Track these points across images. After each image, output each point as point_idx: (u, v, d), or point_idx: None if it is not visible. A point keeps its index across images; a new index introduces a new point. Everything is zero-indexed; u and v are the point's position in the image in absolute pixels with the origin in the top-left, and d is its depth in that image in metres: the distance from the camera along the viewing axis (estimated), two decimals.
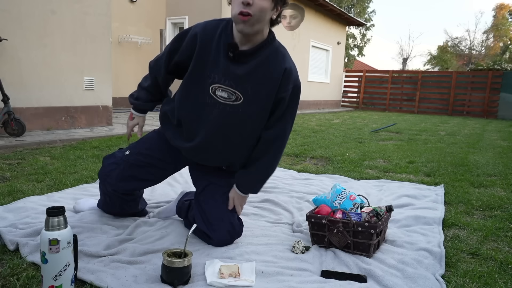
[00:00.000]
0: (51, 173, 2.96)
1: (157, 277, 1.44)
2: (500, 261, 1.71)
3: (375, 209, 1.81)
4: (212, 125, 1.67)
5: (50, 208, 1.26)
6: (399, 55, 46.51)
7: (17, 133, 4.40)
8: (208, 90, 1.64)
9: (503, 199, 2.68)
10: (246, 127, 1.68)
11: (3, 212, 2.03)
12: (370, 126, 7.97)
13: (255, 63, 1.61)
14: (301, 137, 5.72)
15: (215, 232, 1.75)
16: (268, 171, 1.79)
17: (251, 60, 1.61)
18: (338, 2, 26.25)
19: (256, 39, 1.60)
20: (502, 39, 32.22)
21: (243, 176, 1.79)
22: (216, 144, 1.71)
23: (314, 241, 1.81)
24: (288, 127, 1.73)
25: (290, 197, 2.57)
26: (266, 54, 1.62)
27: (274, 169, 1.80)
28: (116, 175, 1.81)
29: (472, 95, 13.40)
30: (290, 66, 1.65)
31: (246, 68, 1.61)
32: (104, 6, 5.63)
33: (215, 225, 1.75)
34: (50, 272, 1.25)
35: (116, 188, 1.83)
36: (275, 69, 1.62)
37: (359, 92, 15.61)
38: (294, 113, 1.73)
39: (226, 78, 1.62)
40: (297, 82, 1.69)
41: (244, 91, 1.62)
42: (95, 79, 5.64)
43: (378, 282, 1.47)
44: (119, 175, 1.80)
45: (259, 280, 1.46)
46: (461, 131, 7.79)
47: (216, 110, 1.65)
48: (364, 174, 3.39)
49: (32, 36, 4.82)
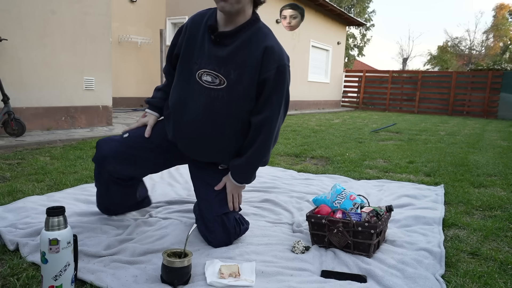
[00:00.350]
0: (51, 173, 2.96)
1: (157, 277, 1.44)
2: (500, 261, 1.71)
3: (375, 209, 1.81)
4: (199, 111, 1.65)
5: (50, 208, 1.26)
6: (399, 55, 46.52)
7: (17, 133, 4.40)
8: (195, 76, 1.64)
9: (503, 199, 2.68)
10: (232, 112, 1.65)
11: (3, 212, 2.03)
12: (370, 126, 7.97)
13: (237, 45, 1.60)
14: (301, 137, 5.72)
15: (211, 234, 1.74)
16: (260, 158, 1.72)
17: (233, 41, 1.60)
18: (338, 2, 26.25)
19: (238, 20, 1.60)
20: (502, 39, 32.22)
21: (236, 163, 1.74)
22: (204, 132, 1.68)
23: (314, 241, 1.81)
24: (276, 112, 1.64)
25: (290, 197, 2.57)
26: (248, 35, 1.61)
27: (265, 156, 1.72)
28: (113, 156, 1.73)
29: (472, 95, 13.41)
30: (271, 44, 1.60)
31: (228, 50, 1.60)
32: (104, 6, 5.63)
33: (211, 226, 1.74)
34: (50, 272, 1.25)
35: (112, 171, 1.75)
36: (256, 48, 1.59)
37: (359, 92, 15.61)
38: (282, 97, 1.65)
39: (210, 62, 1.62)
40: (282, 62, 1.60)
41: (227, 74, 1.60)
42: (95, 79, 5.64)
43: (378, 282, 1.47)
44: (116, 156, 1.72)
45: (259, 280, 1.46)
46: (461, 131, 7.79)
47: (202, 95, 1.64)
48: (364, 174, 3.39)
49: (32, 36, 4.82)
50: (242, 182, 1.79)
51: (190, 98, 1.67)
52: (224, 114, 1.65)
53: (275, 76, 1.60)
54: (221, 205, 1.76)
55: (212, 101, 1.63)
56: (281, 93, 1.64)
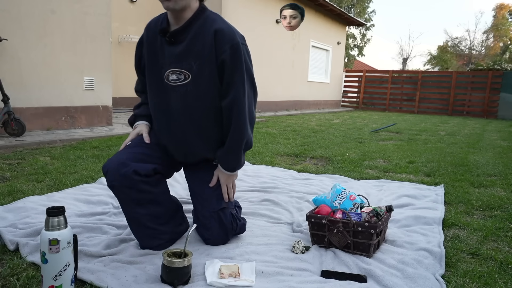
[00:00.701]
0: (51, 173, 2.96)
1: (157, 277, 1.44)
2: (500, 261, 1.71)
3: (375, 209, 1.81)
4: (175, 111, 1.69)
5: (50, 208, 1.26)
6: (399, 55, 46.50)
7: (17, 133, 4.40)
8: (163, 79, 1.69)
9: (503, 199, 2.68)
10: (204, 103, 1.67)
11: (3, 212, 2.03)
12: (370, 126, 7.97)
13: (190, 38, 1.64)
14: (301, 137, 5.72)
15: (208, 231, 1.74)
16: (239, 141, 1.70)
17: (186, 36, 1.64)
18: (338, 2, 26.25)
19: (186, 15, 1.64)
20: (502, 39, 32.22)
21: (220, 153, 1.76)
22: (186, 129, 1.70)
23: (314, 241, 1.81)
24: (241, 91, 1.65)
25: (290, 197, 2.57)
26: (198, 26, 1.65)
27: (244, 137, 1.70)
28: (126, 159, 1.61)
29: (472, 95, 13.40)
30: (220, 27, 1.64)
31: (183, 46, 1.65)
32: (104, 6, 5.63)
33: (207, 223, 1.74)
34: (50, 272, 1.25)
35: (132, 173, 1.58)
36: (207, 35, 1.63)
37: (359, 92, 15.61)
38: (242, 75, 1.65)
39: (171, 61, 1.67)
40: (235, 41, 1.63)
41: (189, 68, 1.65)
42: (95, 79, 5.64)
43: (378, 282, 1.47)
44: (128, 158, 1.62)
45: (259, 280, 1.46)
46: (461, 131, 7.79)
47: (173, 95, 1.68)
48: (364, 174, 3.39)
49: (32, 36, 4.82)
50: (231, 169, 1.78)
51: (164, 101, 1.71)
52: (198, 107, 1.68)
53: (231, 56, 1.62)
54: (217, 201, 1.76)
55: (183, 97, 1.67)
56: (241, 72, 1.65)
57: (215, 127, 1.73)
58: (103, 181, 2.76)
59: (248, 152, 4.23)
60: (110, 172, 1.60)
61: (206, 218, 1.74)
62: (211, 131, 1.74)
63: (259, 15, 10.44)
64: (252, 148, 4.46)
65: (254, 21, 10.15)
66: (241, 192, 2.68)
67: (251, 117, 1.74)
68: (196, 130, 1.71)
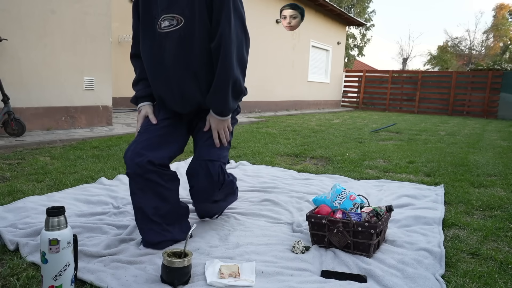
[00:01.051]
0: (51, 173, 2.96)
1: (157, 277, 1.44)
2: (500, 261, 1.71)
3: (375, 209, 1.81)
4: (171, 58, 1.70)
5: (50, 208, 1.26)
6: (399, 55, 46.49)
7: (17, 133, 4.40)
8: (156, 28, 1.71)
9: (503, 199, 2.68)
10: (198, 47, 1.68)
11: (3, 212, 2.03)
12: (370, 126, 7.97)
13: None
14: (301, 137, 5.72)
15: (193, 178, 1.74)
16: (226, 79, 1.68)
17: None
18: (338, 2, 26.25)
19: None
20: (502, 39, 32.22)
21: (210, 95, 1.74)
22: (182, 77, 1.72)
23: (314, 241, 1.81)
24: (227, 29, 1.65)
25: (290, 197, 2.57)
26: None
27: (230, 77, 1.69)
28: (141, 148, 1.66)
29: (472, 95, 13.41)
30: None
31: None
32: (104, 6, 5.63)
33: (194, 171, 1.74)
34: (50, 272, 1.25)
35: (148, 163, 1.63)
36: None
37: (359, 92, 15.62)
38: (230, 13, 1.65)
39: (163, 8, 1.69)
40: None
41: (181, 12, 1.66)
42: (95, 79, 5.64)
43: (378, 282, 1.47)
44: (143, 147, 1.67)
45: (259, 280, 1.46)
46: (461, 131, 7.79)
47: (167, 41, 1.69)
48: (364, 174, 3.39)
49: (32, 36, 4.82)
50: (220, 113, 1.77)
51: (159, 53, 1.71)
52: (192, 51, 1.69)
53: None
54: (208, 151, 1.76)
55: (177, 42, 1.68)
56: (228, 9, 1.65)
57: (209, 71, 1.74)
58: (103, 181, 2.77)
59: (248, 152, 4.23)
60: (127, 162, 1.66)
61: (194, 166, 1.74)
62: (205, 75, 1.74)
63: (260, 15, 10.45)
64: (252, 148, 4.46)
65: (254, 21, 10.15)
66: (241, 192, 2.68)
67: (241, 58, 1.72)
68: (191, 75, 1.72)
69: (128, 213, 2.14)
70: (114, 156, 3.69)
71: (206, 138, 1.80)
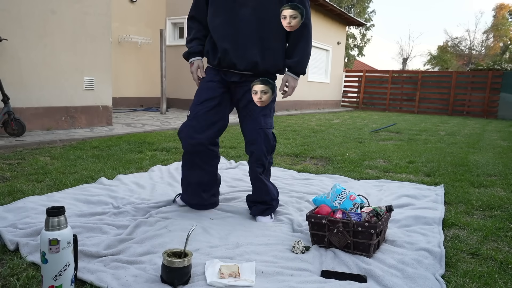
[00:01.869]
0: (51, 173, 2.96)
1: (157, 277, 1.44)
2: (500, 261, 1.71)
3: (375, 209, 1.81)
4: (244, 24, 1.99)
5: (50, 208, 1.26)
6: (399, 55, 46.47)
7: (17, 133, 4.40)
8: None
9: (503, 199, 2.68)
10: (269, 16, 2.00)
11: (3, 212, 2.04)
12: (370, 126, 7.97)
13: None
14: (301, 137, 5.72)
15: (253, 145, 2.07)
16: (309, 52, 2.13)
17: None
18: (338, 2, 26.25)
19: None
20: (502, 39, 32.21)
21: (298, 61, 2.11)
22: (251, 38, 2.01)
23: (314, 241, 1.81)
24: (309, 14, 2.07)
25: (290, 197, 2.57)
26: None
27: (310, 50, 2.15)
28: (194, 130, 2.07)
29: (472, 95, 13.40)
30: None
31: None
32: (104, 6, 5.63)
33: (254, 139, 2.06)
34: (50, 272, 1.25)
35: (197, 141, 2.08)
36: None
37: (359, 92, 15.61)
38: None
39: None
40: None
41: None
42: (95, 79, 5.64)
43: (378, 282, 1.47)
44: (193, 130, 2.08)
45: (259, 280, 1.46)
46: (461, 131, 7.79)
47: (243, 9, 1.99)
48: (364, 174, 3.39)
49: (32, 36, 4.82)
50: (302, 73, 2.16)
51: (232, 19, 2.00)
52: (264, 18, 2.00)
53: None
54: (264, 120, 2.08)
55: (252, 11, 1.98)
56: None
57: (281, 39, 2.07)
58: (103, 181, 2.77)
59: None
60: (182, 142, 2.12)
61: (253, 134, 2.07)
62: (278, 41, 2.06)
63: None
64: None
65: None
66: (241, 192, 2.68)
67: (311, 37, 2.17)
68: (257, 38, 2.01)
69: (128, 213, 2.14)
70: (114, 156, 3.69)
71: (260, 109, 2.09)
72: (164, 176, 3.04)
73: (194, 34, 2.17)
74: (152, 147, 4.27)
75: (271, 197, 2.19)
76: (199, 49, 2.16)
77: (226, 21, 2.01)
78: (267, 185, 2.18)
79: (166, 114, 8.09)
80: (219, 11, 2.03)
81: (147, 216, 2.11)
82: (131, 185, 2.73)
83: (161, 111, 8.14)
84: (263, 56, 2.04)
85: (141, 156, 3.80)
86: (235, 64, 2.04)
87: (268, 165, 2.18)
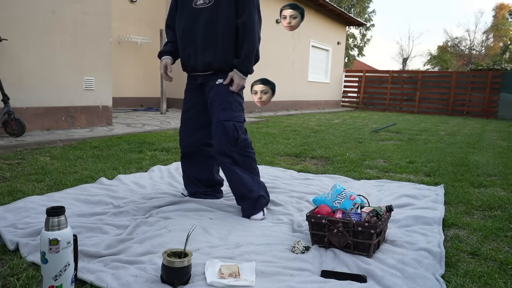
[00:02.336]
0: (51, 173, 2.96)
1: (157, 277, 1.44)
2: (500, 261, 1.71)
3: (375, 209, 1.81)
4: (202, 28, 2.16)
5: (50, 208, 1.26)
6: (399, 55, 46.44)
7: (17, 133, 4.40)
8: (192, 5, 2.19)
9: (503, 199, 2.68)
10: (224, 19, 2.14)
11: (3, 212, 2.03)
12: (370, 126, 7.97)
13: None
14: (301, 137, 5.72)
15: (214, 139, 2.16)
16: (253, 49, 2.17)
17: None
18: (338, 2, 26.25)
19: None
20: (502, 39, 32.21)
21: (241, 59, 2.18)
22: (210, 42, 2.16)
23: (314, 241, 1.81)
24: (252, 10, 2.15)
25: (290, 197, 2.57)
26: None
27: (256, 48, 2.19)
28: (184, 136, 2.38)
29: (472, 95, 13.40)
30: None
31: None
32: (104, 6, 5.63)
33: (214, 133, 2.16)
34: (50, 272, 1.25)
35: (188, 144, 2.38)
36: None
37: (359, 92, 15.61)
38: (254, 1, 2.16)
39: None
40: None
41: None
42: (95, 79, 5.64)
43: (378, 282, 1.47)
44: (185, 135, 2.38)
45: (259, 280, 1.46)
46: (461, 131, 7.79)
47: (201, 15, 2.16)
48: (364, 174, 3.39)
49: (32, 36, 4.81)
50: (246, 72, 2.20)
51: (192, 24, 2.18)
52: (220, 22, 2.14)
53: None
54: (223, 113, 2.15)
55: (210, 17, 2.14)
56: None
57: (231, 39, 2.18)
58: (103, 181, 2.77)
59: None
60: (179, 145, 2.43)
61: (213, 129, 2.16)
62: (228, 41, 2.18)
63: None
64: None
65: None
66: None
67: (258, 34, 2.23)
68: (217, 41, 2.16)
69: (128, 213, 2.14)
70: (114, 156, 3.69)
71: (218, 103, 2.18)
72: (164, 176, 3.04)
73: (169, 38, 2.41)
74: (152, 147, 4.27)
75: (248, 189, 2.19)
76: (170, 50, 2.36)
77: (185, 29, 2.22)
78: (240, 175, 2.19)
79: (166, 114, 8.09)
80: (181, 19, 2.25)
81: (147, 216, 2.11)
82: (131, 185, 2.73)
83: (161, 111, 8.14)
84: (215, 56, 2.19)
85: (141, 156, 3.81)
86: (196, 67, 2.25)
87: (241, 157, 2.21)
